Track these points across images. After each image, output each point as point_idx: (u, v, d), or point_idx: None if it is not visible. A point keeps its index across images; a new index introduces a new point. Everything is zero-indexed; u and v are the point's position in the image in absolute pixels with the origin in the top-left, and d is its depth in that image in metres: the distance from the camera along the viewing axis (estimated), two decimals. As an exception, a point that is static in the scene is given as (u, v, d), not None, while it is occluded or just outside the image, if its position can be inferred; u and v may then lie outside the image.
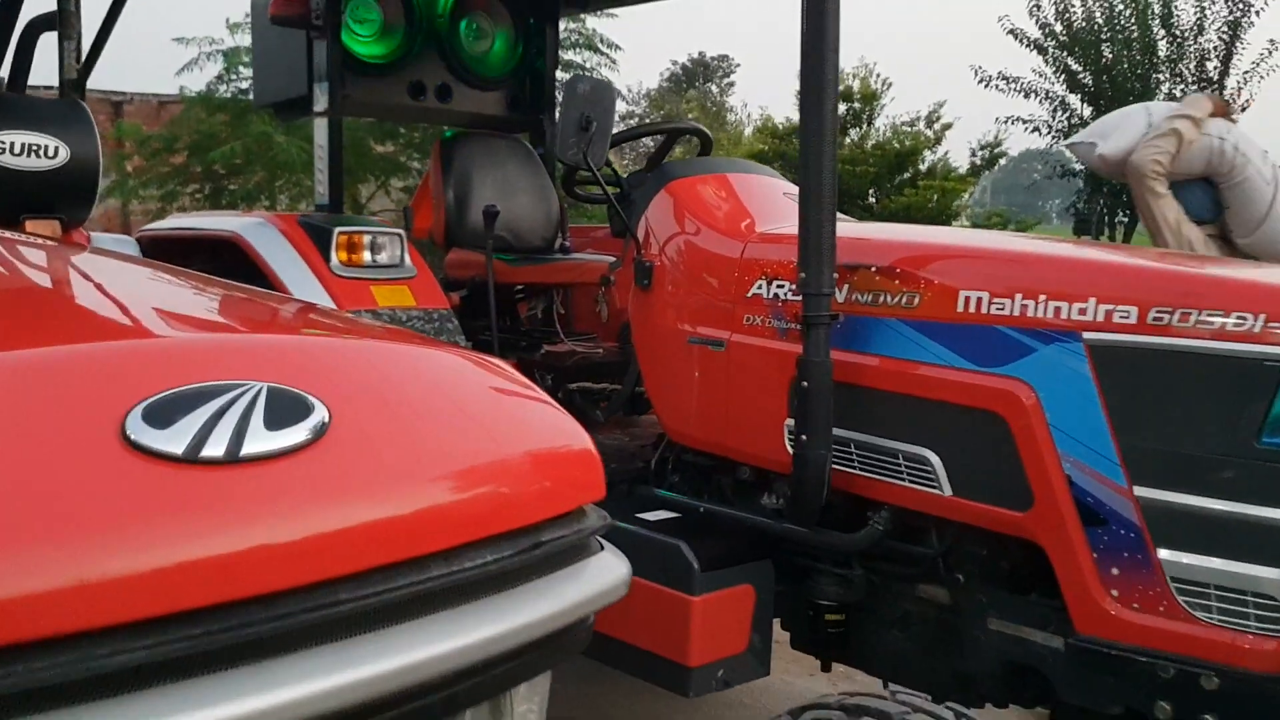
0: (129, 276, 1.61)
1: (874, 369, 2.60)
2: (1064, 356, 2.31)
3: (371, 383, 1.17)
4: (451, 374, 1.33)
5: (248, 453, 0.95)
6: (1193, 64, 18.17)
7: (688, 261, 3.08)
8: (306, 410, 1.03)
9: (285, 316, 1.53)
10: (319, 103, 3.89)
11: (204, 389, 0.99)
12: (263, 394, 1.01)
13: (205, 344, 1.20)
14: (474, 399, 1.29)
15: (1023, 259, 2.55)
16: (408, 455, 1.10)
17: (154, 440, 0.92)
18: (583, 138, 2.95)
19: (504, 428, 1.25)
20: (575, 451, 1.31)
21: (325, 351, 1.27)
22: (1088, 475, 2.28)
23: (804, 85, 2.51)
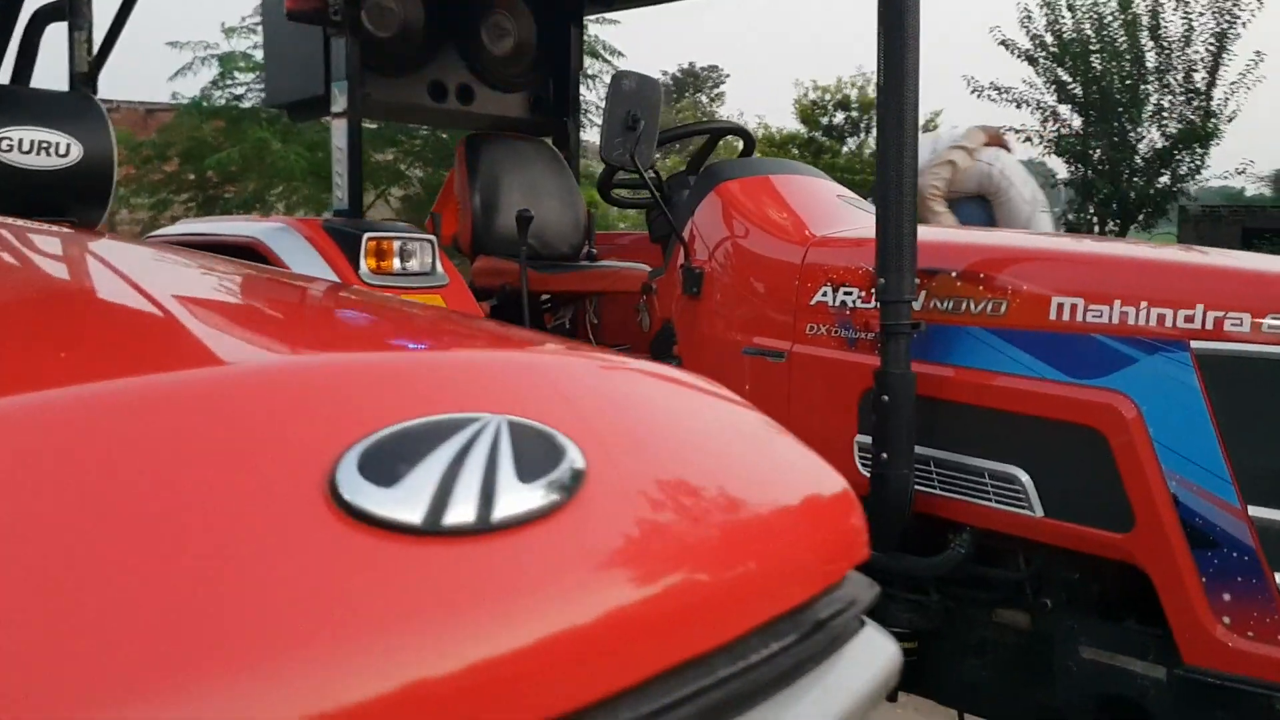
0: (244, 281, 1.36)
1: (956, 381, 2.44)
2: (1169, 367, 2.16)
3: (618, 415, 0.94)
4: (693, 403, 1.09)
5: (501, 517, 0.72)
6: (1180, 74, 18.23)
7: (741, 267, 2.92)
8: (558, 454, 0.79)
9: (456, 330, 1.25)
10: (338, 103, 3.71)
11: (431, 425, 0.76)
12: (505, 431, 0.78)
13: (418, 363, 0.95)
14: (724, 436, 1.05)
15: (1120, 263, 2.40)
16: (677, 514, 0.86)
17: (380, 503, 0.68)
18: (629, 137, 2.80)
19: (764, 474, 1.01)
20: (839, 503, 1.06)
21: (560, 372, 1.02)
22: (1196, 494, 2.13)
23: (882, 77, 2.36)
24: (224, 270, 1.37)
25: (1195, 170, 18.67)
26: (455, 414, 0.79)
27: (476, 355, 1.03)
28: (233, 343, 1.01)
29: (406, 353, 1.02)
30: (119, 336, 0.96)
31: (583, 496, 0.78)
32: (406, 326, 1.17)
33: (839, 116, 15.25)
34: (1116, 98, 18.13)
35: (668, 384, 1.09)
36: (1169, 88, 18.33)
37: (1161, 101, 18.40)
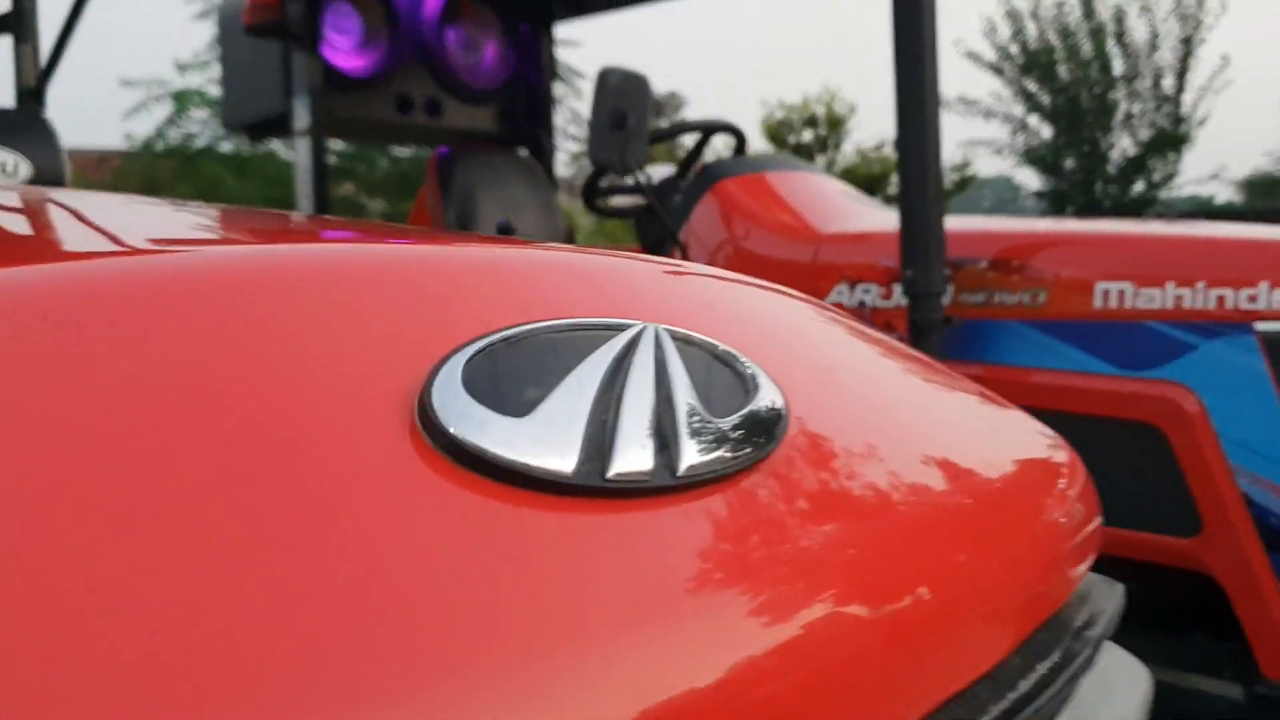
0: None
1: (993, 380, 2.21)
2: (1232, 353, 1.95)
3: (806, 346, 0.71)
4: (881, 346, 0.86)
5: (691, 465, 0.49)
6: (1149, 81, 18.34)
7: (746, 270, 2.69)
8: (746, 383, 0.57)
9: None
10: (299, 120, 3.50)
11: (562, 330, 0.53)
12: (669, 344, 0.54)
13: (521, 257, 0.67)
14: (928, 388, 0.82)
15: (1171, 242, 2.20)
16: (909, 483, 0.62)
17: (502, 439, 0.44)
18: (618, 136, 2.59)
19: (989, 437, 0.78)
20: (1076, 478, 0.83)
21: (721, 287, 0.77)
22: (1270, 491, 1.91)
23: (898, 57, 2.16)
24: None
25: (1169, 177, 18.74)
26: (594, 318, 0.56)
27: (609, 259, 0.74)
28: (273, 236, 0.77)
29: (500, 248, 0.72)
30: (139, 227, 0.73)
31: (788, 445, 0.56)
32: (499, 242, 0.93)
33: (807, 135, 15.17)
34: (1085, 106, 18.21)
35: (843, 321, 0.90)
36: (1138, 94, 18.44)
37: (1131, 109, 18.50)
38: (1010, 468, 0.75)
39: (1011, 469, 0.75)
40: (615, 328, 0.55)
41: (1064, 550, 0.75)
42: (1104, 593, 0.83)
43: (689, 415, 0.51)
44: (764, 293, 0.87)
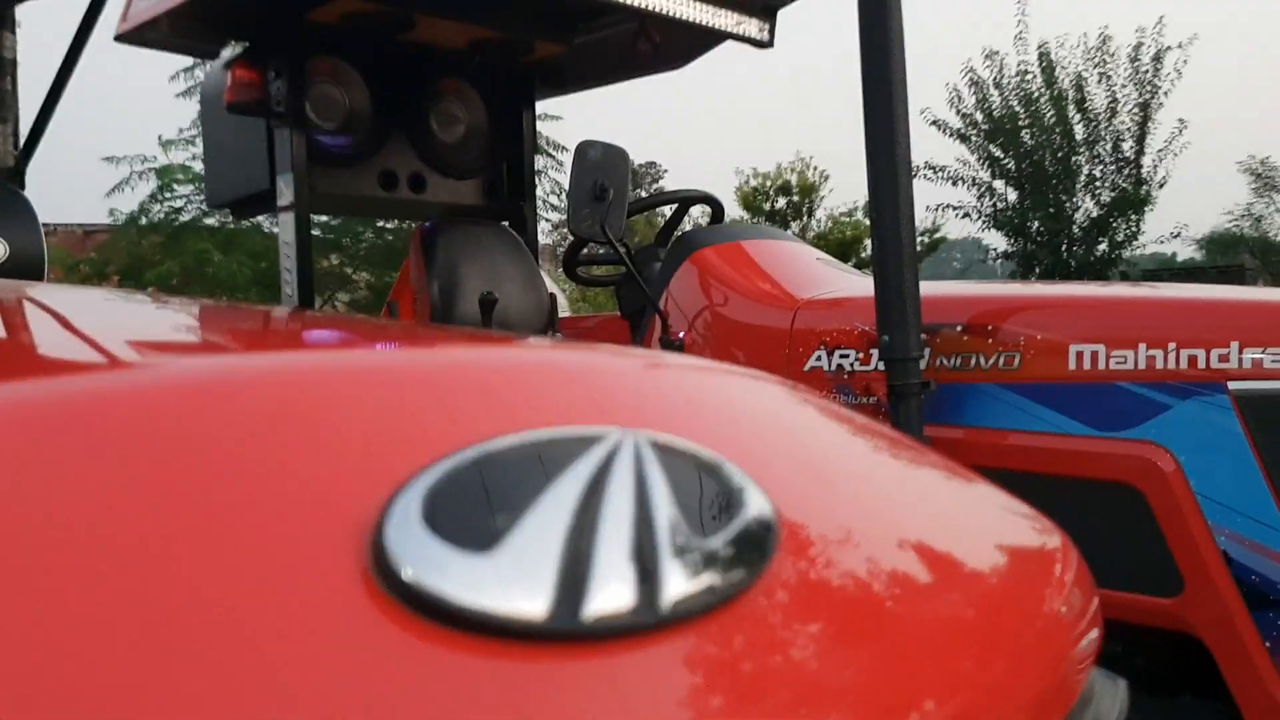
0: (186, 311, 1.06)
1: (971, 443, 2.26)
2: (1206, 412, 2.00)
3: (795, 444, 0.67)
4: (869, 436, 0.82)
5: (676, 598, 0.44)
6: (1109, 145, 18.75)
7: (725, 337, 2.74)
8: (737, 493, 0.53)
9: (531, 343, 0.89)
10: (284, 196, 3.53)
11: (533, 446, 0.49)
12: (649, 455, 0.51)
13: (497, 363, 0.65)
14: (921, 479, 0.78)
15: (1142, 304, 2.25)
16: (908, 593, 0.58)
17: (466, 581, 0.40)
18: (598, 207, 2.64)
19: (986, 534, 0.74)
20: (1075, 572, 0.80)
21: (704, 381, 0.73)
22: (1249, 549, 1.95)
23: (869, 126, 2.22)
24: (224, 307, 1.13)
25: (1132, 236, 19.07)
26: (567, 429, 0.51)
27: (581, 355, 0.72)
28: (227, 349, 0.73)
29: (470, 351, 0.70)
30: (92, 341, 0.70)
31: (780, 563, 0.51)
32: (459, 337, 0.87)
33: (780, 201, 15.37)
34: (1049, 170, 18.58)
35: (823, 406, 0.85)
36: (1099, 158, 18.84)
37: (1094, 171, 18.88)
38: (1008, 561, 0.72)
39: (1010, 563, 0.72)
40: (590, 439, 0.51)
41: (1070, 648, 0.72)
42: (1107, 691, 0.78)
43: (673, 538, 0.47)
44: (743, 381, 0.82)
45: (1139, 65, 18.39)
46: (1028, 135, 18.71)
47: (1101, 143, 18.83)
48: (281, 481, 0.44)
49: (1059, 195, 18.70)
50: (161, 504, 0.40)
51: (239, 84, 3.47)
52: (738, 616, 0.47)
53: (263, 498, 0.42)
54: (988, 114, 18.84)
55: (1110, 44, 18.52)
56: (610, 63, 4.15)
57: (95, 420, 0.44)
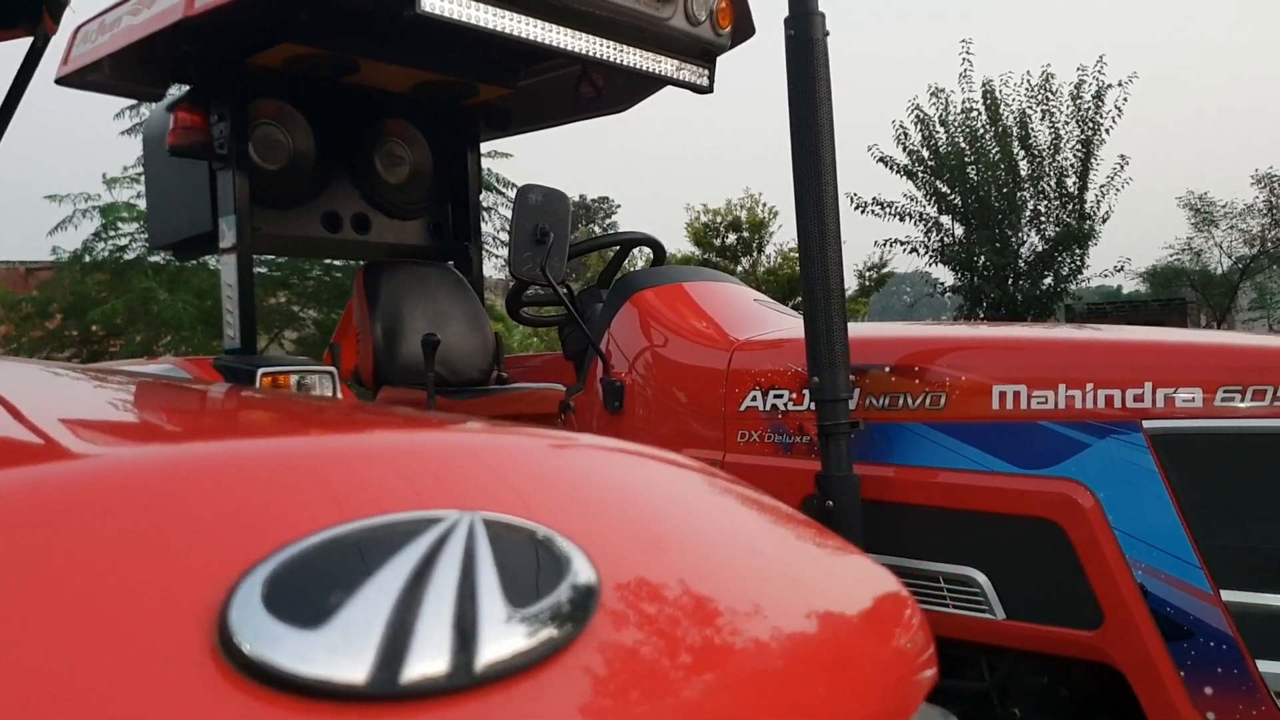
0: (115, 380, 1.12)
1: (900, 481, 2.31)
2: (1122, 450, 2.07)
3: (628, 509, 0.71)
4: (711, 493, 0.87)
5: (489, 662, 0.49)
6: (1053, 180, 19.11)
7: (664, 378, 2.78)
8: (559, 564, 0.57)
9: (392, 418, 0.97)
10: (225, 239, 3.54)
11: (373, 531, 0.54)
12: (481, 534, 0.55)
13: (345, 451, 0.69)
14: (758, 535, 0.82)
15: (1062, 345, 2.32)
16: (724, 643, 0.62)
17: (299, 654, 0.46)
18: (539, 251, 2.68)
19: (815, 583, 0.78)
20: (904, 615, 0.84)
21: (545, 455, 0.77)
22: (1164, 583, 2.01)
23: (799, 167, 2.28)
24: (94, 374, 1.14)
25: (1077, 270, 19.43)
26: (407, 513, 0.56)
27: (429, 436, 0.78)
28: (85, 437, 0.77)
29: (327, 438, 0.77)
30: None
31: (600, 622, 0.55)
32: (326, 417, 0.91)
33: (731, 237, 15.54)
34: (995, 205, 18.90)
35: (678, 470, 0.88)
36: (1044, 193, 19.20)
37: (1038, 207, 19.23)
38: (832, 611, 0.77)
39: (833, 613, 0.77)
40: (427, 521, 0.56)
41: (880, 690, 0.75)
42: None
43: (493, 607, 0.52)
44: (600, 455, 0.87)
45: (1081, 103, 18.82)
46: (973, 171, 19.03)
47: (1045, 178, 19.21)
48: (145, 575, 0.49)
49: (1004, 230, 19.02)
50: (31, 592, 0.45)
51: (182, 127, 3.48)
52: (552, 676, 0.51)
53: (131, 590, 0.48)
54: (934, 150, 19.16)
55: (1053, 82, 18.94)
56: (554, 105, 4.21)
57: None
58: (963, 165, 19.00)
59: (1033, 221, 19.29)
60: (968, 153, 18.99)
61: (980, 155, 18.91)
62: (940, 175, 19.14)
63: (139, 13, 3.34)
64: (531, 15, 3.06)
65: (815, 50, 2.27)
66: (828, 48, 2.29)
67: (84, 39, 3.58)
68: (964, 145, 18.98)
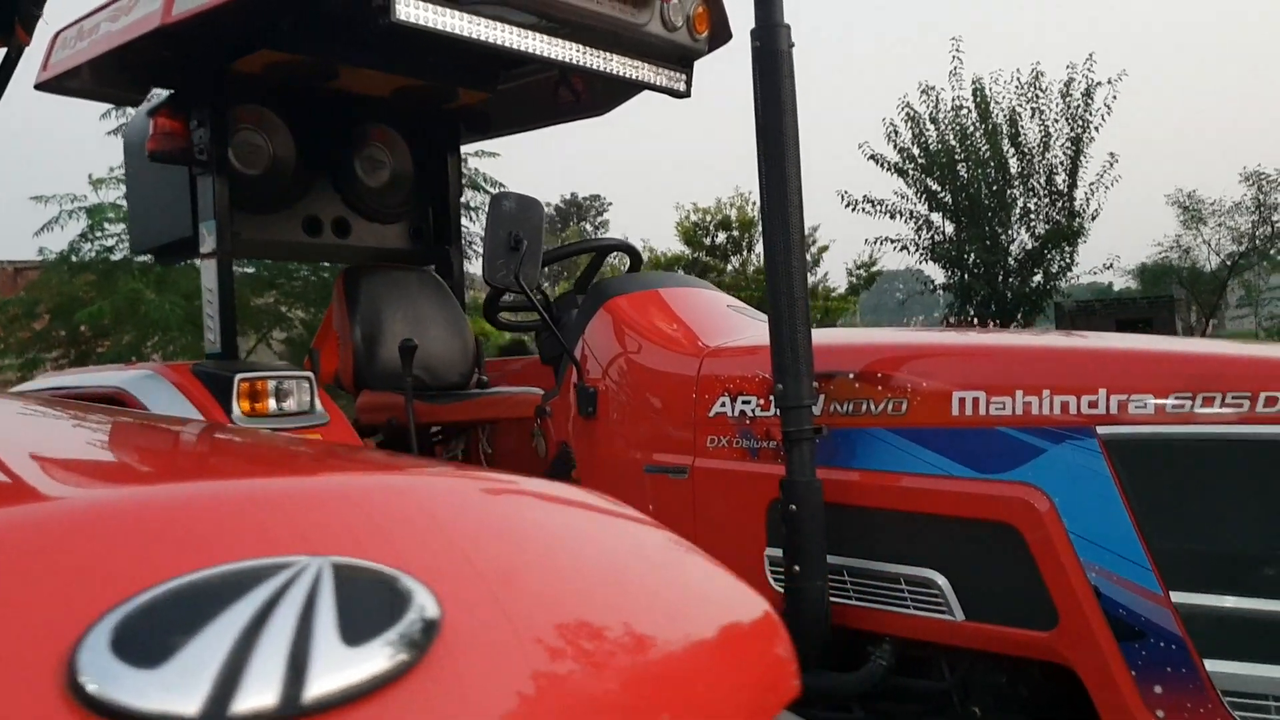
0: None
1: (863, 485, 2.36)
2: (1077, 455, 2.11)
3: (486, 544, 0.75)
4: (582, 523, 0.90)
5: (319, 694, 0.53)
6: (1043, 178, 19.17)
7: (636, 383, 2.82)
8: (402, 601, 0.62)
9: (278, 452, 1.03)
10: (206, 244, 3.56)
11: (218, 580, 0.58)
12: (327, 579, 0.60)
13: (205, 497, 0.74)
14: (623, 561, 0.86)
15: (1020, 352, 2.37)
16: (567, 665, 0.67)
17: (140, 692, 0.50)
18: (512, 258, 2.71)
19: (673, 605, 0.83)
20: (764, 632, 0.88)
21: (406, 497, 0.81)
22: (1117, 585, 2.06)
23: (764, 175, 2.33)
24: None
25: (1066, 268, 19.51)
26: (256, 560, 0.61)
27: (289, 483, 0.84)
28: None
29: (184, 485, 0.82)
30: None
31: (436, 654, 0.60)
32: (199, 455, 0.96)
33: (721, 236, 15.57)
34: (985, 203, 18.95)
35: (552, 503, 0.93)
36: (1033, 191, 19.26)
37: (1028, 204, 19.29)
38: (685, 631, 0.80)
39: (686, 632, 0.80)
40: (278, 567, 0.60)
41: (731, 702, 0.80)
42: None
43: (327, 644, 0.56)
44: (493, 494, 0.91)
45: (1070, 100, 18.87)
46: (963, 169, 19.08)
47: (1035, 176, 19.26)
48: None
49: (994, 227, 19.08)
50: None
51: (161, 133, 3.50)
52: (385, 706, 0.56)
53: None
54: (924, 148, 19.21)
55: (1042, 80, 19.00)
56: (534, 109, 4.24)
57: None
58: (953, 163, 19.05)
59: (1022, 219, 19.35)
60: (958, 150, 19.05)
61: (970, 153, 18.97)
62: (930, 173, 19.20)
63: (118, 19, 3.36)
64: (507, 23, 3.09)
65: (780, 61, 2.31)
66: (793, 59, 2.34)
67: (63, 45, 3.60)
68: (954, 143, 19.04)
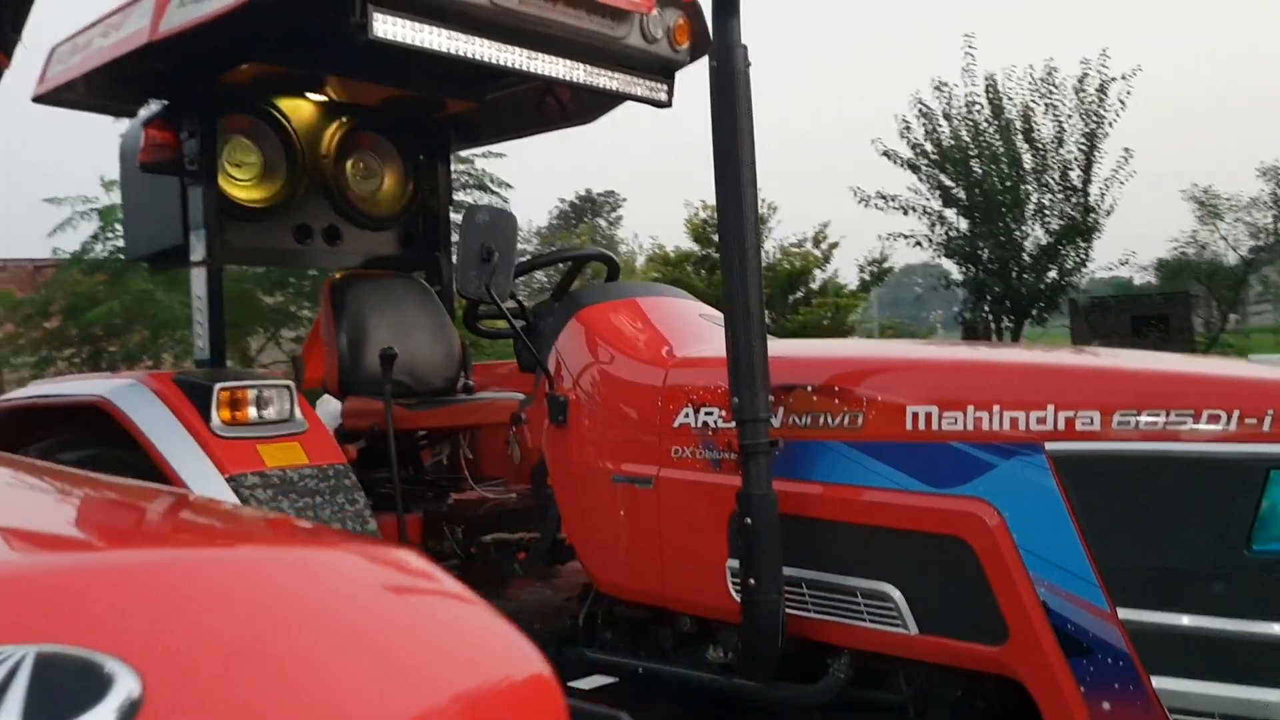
0: None
1: (820, 498, 2.38)
2: (1026, 470, 2.13)
3: (215, 621, 0.77)
4: (333, 586, 0.91)
5: None
6: (1057, 174, 19.04)
7: (605, 393, 2.86)
8: (102, 684, 0.65)
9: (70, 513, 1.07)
10: (196, 252, 3.62)
11: None
12: (26, 668, 0.63)
13: None
14: (376, 622, 0.87)
15: (972, 367, 2.39)
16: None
17: None
18: (484, 269, 2.75)
19: (428, 670, 0.84)
20: (530, 686, 0.90)
21: (130, 575, 0.84)
22: (1065, 600, 2.08)
23: (720, 194, 2.35)
24: None
25: (1081, 264, 19.38)
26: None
27: (24, 563, 0.85)
28: None
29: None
30: None
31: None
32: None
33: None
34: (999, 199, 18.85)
35: (301, 564, 0.93)
36: (1047, 187, 19.13)
37: (1042, 200, 19.17)
38: (433, 700, 0.82)
39: (434, 701, 0.82)
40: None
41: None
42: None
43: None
44: (233, 561, 0.93)
45: (1084, 96, 18.73)
46: (977, 164, 18.99)
47: (1049, 171, 19.14)
48: None
49: (1008, 223, 18.98)
50: None
51: (152, 144, 3.56)
52: None
53: None
54: (937, 144, 19.12)
55: (1056, 75, 18.88)
56: (522, 117, 4.28)
57: None
58: (966, 158, 18.96)
59: (1036, 215, 19.24)
60: (971, 146, 18.95)
61: (983, 148, 18.87)
62: (943, 168, 19.11)
63: (109, 35, 3.42)
64: (485, 37, 3.12)
65: (737, 81, 2.34)
66: (749, 79, 2.36)
67: (58, 59, 3.66)
68: (967, 139, 18.94)
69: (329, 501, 3.05)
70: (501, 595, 3.36)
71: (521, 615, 3.15)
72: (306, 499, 3.02)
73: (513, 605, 3.28)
